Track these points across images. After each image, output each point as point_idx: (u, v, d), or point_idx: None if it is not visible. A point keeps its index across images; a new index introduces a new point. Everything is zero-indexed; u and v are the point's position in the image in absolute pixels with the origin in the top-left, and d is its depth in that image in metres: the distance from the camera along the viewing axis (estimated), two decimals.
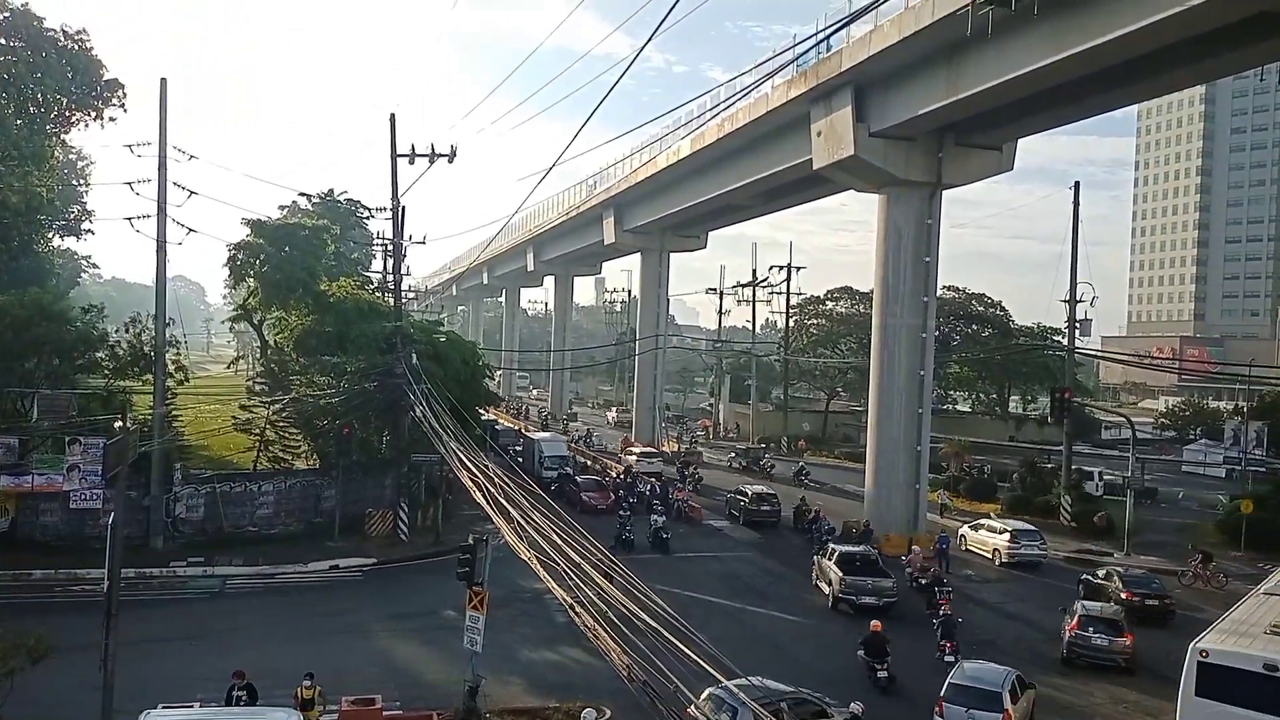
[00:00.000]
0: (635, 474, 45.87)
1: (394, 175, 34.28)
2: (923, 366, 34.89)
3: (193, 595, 26.45)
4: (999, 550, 33.88)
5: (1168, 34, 23.10)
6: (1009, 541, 33.65)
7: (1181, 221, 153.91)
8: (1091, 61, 25.21)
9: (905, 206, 34.62)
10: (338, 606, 25.70)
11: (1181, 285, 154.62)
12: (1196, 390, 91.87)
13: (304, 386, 35.55)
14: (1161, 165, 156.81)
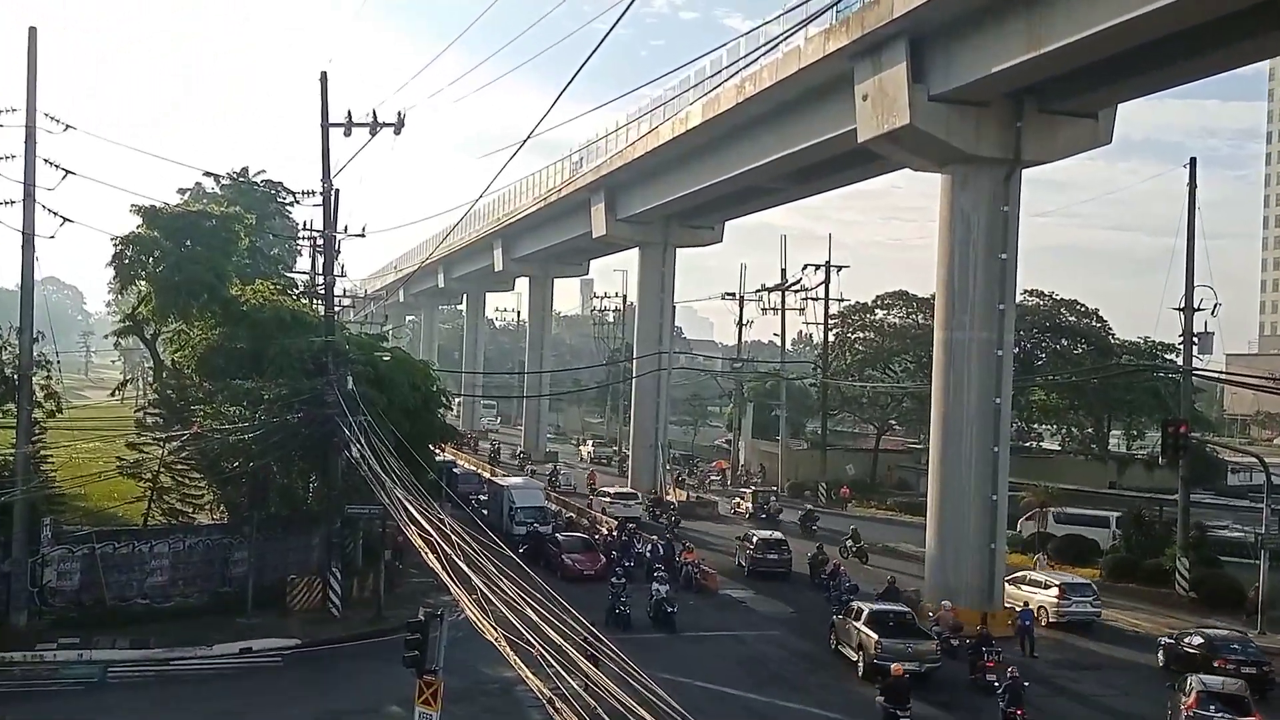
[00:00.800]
0: (633, 531, 45.88)
1: (325, 150, 34.41)
2: (998, 393, 34.89)
3: (65, 687, 26.23)
4: (1045, 608, 35.74)
5: None
6: (1058, 597, 35.74)
7: None
8: (1211, 6, 25.38)
9: (975, 189, 34.73)
10: (252, 701, 25.52)
11: None
12: None
13: (209, 419, 35.51)
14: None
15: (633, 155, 53.51)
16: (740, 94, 41.36)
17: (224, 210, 45.40)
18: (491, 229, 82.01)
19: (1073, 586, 36.49)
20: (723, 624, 34.99)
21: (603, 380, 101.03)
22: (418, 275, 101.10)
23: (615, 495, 56.80)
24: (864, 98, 35.02)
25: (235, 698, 25.91)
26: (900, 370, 73.63)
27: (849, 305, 74.37)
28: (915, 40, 32.96)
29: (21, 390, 31.10)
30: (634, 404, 67.96)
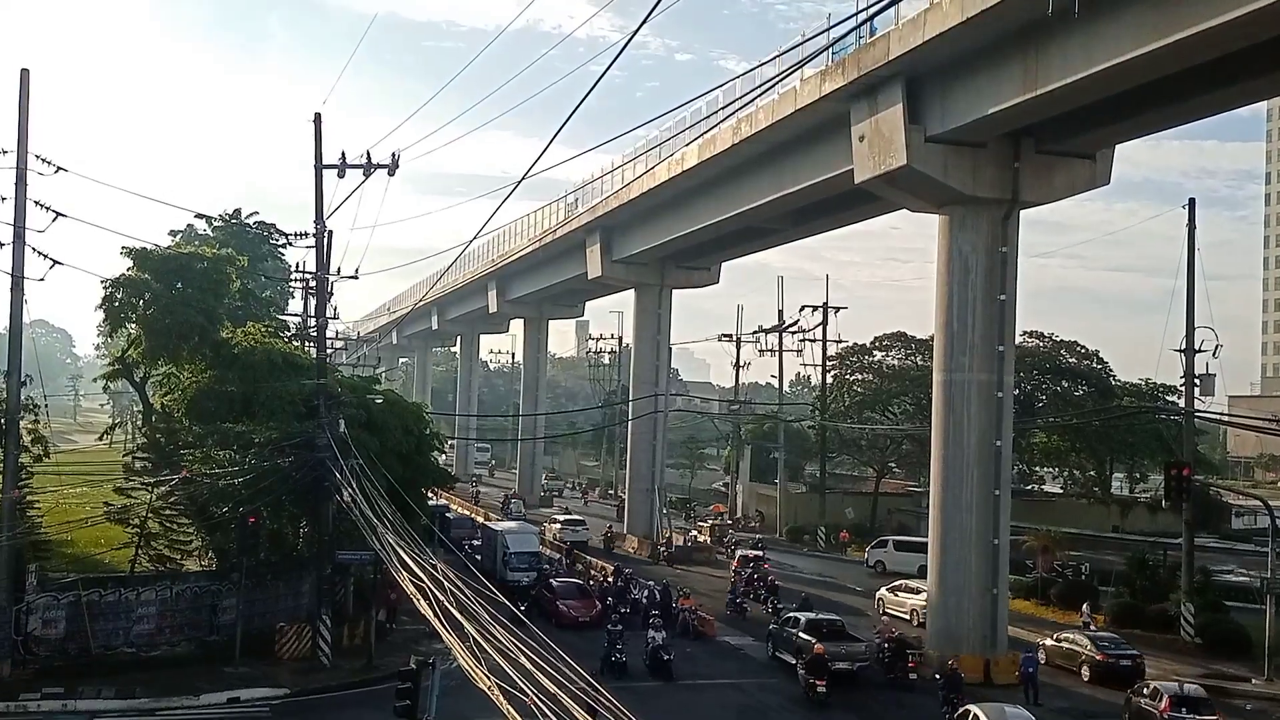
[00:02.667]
0: (629, 577, 45.67)
1: (319, 191, 34.59)
2: (999, 435, 34.88)
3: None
4: (915, 610, 40.88)
5: None
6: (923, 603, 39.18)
7: None
8: (1210, 46, 25.61)
9: (973, 230, 34.90)
10: None
11: None
12: None
13: (198, 463, 35.43)
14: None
15: (628, 196, 53.76)
16: (736, 135, 41.60)
17: (216, 252, 45.62)
18: (486, 270, 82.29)
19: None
20: (721, 672, 34.78)
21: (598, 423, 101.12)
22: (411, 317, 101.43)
23: (565, 522, 63.33)
24: (860, 139, 35.25)
25: None
26: (899, 412, 73.62)
27: (847, 347, 74.50)
28: (912, 81, 33.23)
29: (9, 435, 31.03)
30: (630, 447, 67.79)
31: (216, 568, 35.44)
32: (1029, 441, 69.01)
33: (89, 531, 38.12)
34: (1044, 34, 28.29)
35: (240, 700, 29.39)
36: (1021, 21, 28.18)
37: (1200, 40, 25.00)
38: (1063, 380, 72.65)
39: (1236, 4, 23.59)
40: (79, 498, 40.83)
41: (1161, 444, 65.69)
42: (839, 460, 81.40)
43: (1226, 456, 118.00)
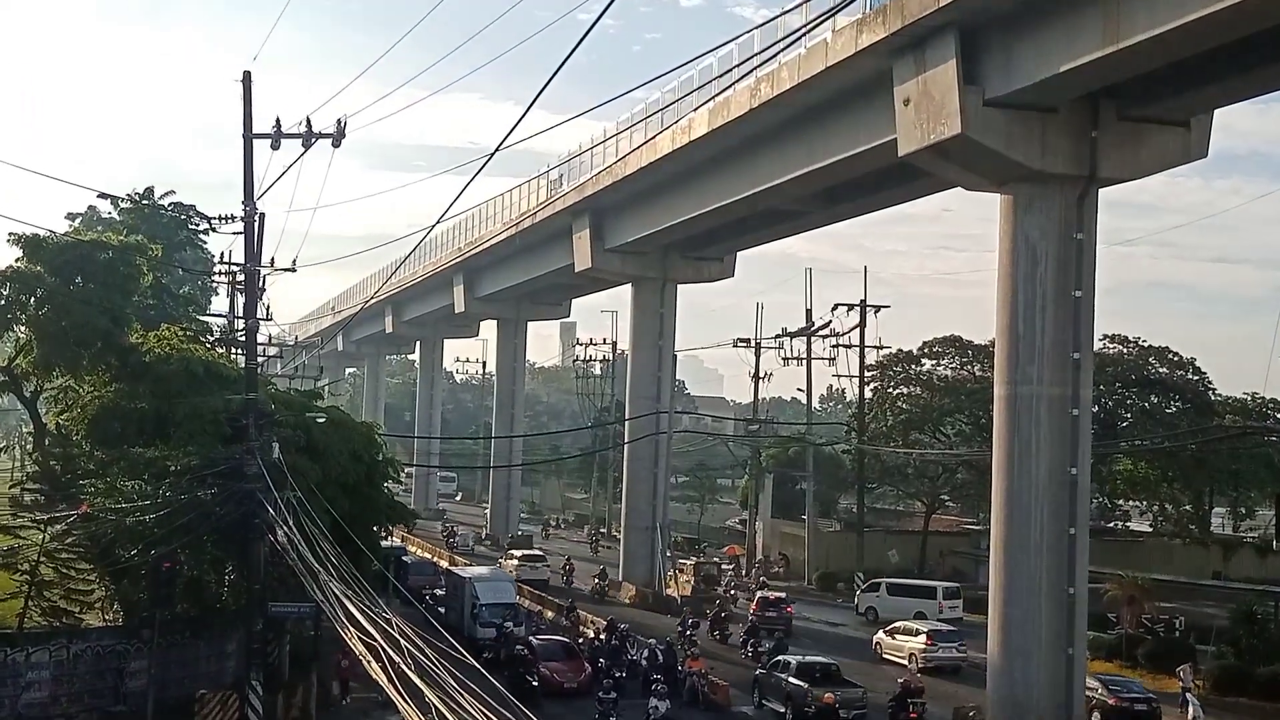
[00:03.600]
0: (624, 634, 45.65)
1: (248, 166, 34.51)
2: (1074, 461, 34.97)
3: None
4: (914, 654, 46.29)
5: None
6: (925, 644, 46.57)
7: None
8: None
9: (1043, 213, 35.05)
10: None
11: None
12: None
13: (102, 496, 35.42)
14: None
15: (624, 172, 53.82)
16: (755, 98, 41.69)
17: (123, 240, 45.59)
18: (451, 261, 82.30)
19: (939, 634, 47.47)
20: None
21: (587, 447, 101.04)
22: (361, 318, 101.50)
23: (522, 558, 67.72)
24: (905, 102, 35.34)
25: None
26: (954, 433, 73.67)
27: (890, 354, 74.52)
28: (967, 33, 33.35)
29: None
30: (626, 475, 67.79)
31: (124, 623, 35.36)
32: (1111, 469, 69.08)
33: None
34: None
35: None
36: None
37: None
38: (1152, 395, 72.83)
39: None
40: None
41: (1272, 472, 65.73)
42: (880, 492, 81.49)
43: None
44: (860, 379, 71.62)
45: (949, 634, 47.51)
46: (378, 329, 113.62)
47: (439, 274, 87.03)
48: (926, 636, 46.90)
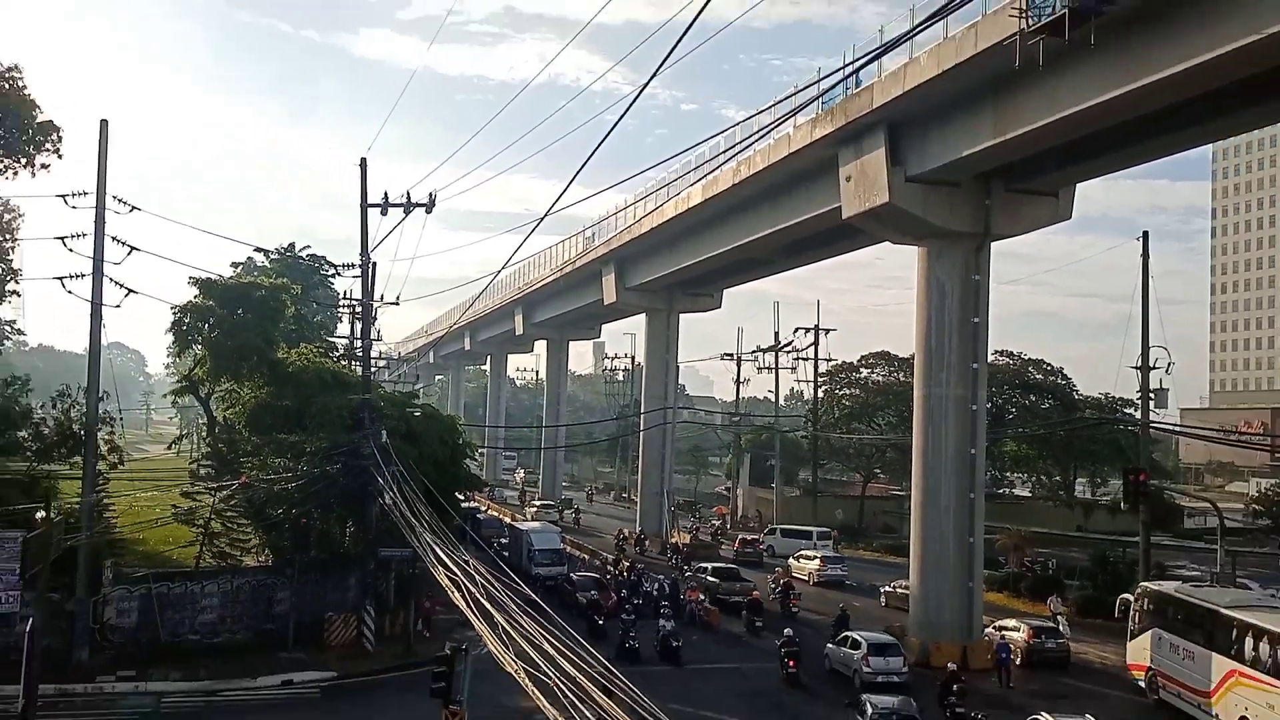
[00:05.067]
0: (641, 571, 45.50)
1: (364, 227, 34.72)
2: (973, 444, 34.77)
3: (123, 716, 26.03)
4: (812, 573, 50.14)
5: (1244, 65, 23.50)
6: (819, 566, 50.55)
7: (1268, 276, 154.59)
8: (1158, 97, 25.62)
9: (949, 261, 34.87)
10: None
11: (1272, 350, 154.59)
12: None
13: (256, 470, 35.51)
14: (1242, 213, 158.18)
15: (640, 231, 53.82)
16: (736, 176, 41.67)
17: (273, 282, 45.79)
18: (513, 297, 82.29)
19: (829, 559, 51.96)
20: (724, 657, 34.61)
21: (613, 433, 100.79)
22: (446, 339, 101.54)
23: (540, 506, 72.08)
24: (847, 179, 35.28)
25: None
26: (884, 424, 73.27)
27: (836, 365, 74.23)
28: (893, 127, 33.28)
29: (88, 445, 31.14)
30: (642, 455, 67.69)
31: (272, 563, 35.45)
32: (1000, 450, 68.61)
33: (159, 531, 38.16)
34: (1011, 85, 28.32)
35: (293, 682, 29.37)
36: (991, 73, 28.20)
37: (1149, 90, 25.04)
38: (1030, 395, 72.44)
39: (1177, 60, 23.68)
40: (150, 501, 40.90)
41: (1120, 452, 65.26)
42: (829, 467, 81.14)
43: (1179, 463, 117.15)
44: (814, 383, 71.78)
45: (835, 559, 52.44)
46: (458, 347, 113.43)
47: (503, 307, 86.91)
48: (820, 560, 51.41)
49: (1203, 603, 28.89)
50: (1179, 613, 29.63)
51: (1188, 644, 28.55)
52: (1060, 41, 23.38)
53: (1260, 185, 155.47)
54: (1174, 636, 29.38)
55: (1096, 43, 23.65)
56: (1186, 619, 29.14)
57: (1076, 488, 76.96)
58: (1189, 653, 28.46)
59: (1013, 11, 24.25)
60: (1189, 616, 29.10)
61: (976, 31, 27.09)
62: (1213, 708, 26.89)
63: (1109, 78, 25.45)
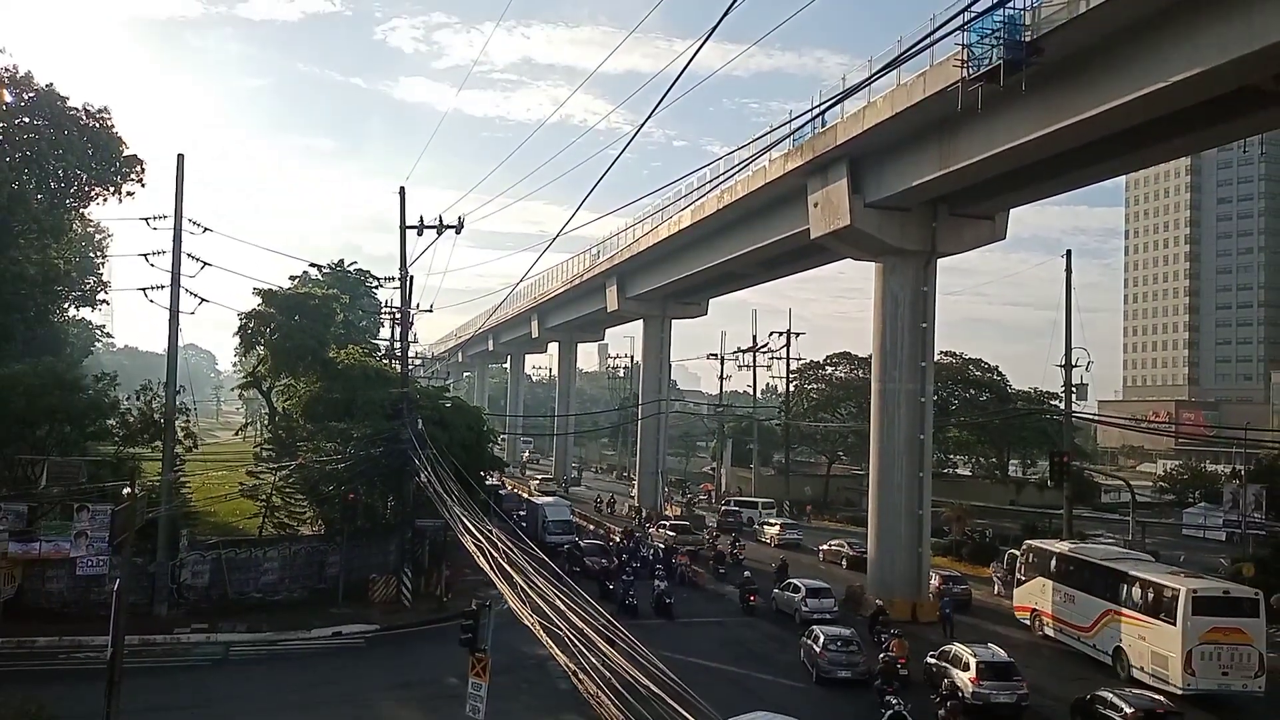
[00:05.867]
0: (639, 538, 45.43)
1: (403, 245, 34.73)
2: (922, 431, 34.75)
3: (196, 663, 26.03)
4: (773, 536, 51.78)
5: (1152, 109, 23.53)
6: (779, 530, 52.34)
7: (1173, 288, 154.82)
8: (1078, 135, 25.66)
9: (901, 275, 34.86)
10: (341, 674, 25.29)
11: (1175, 350, 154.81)
12: (1193, 454, 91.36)
13: (311, 453, 35.49)
14: (1151, 234, 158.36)
15: (638, 249, 53.76)
16: (720, 202, 41.63)
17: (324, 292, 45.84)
18: (529, 306, 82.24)
19: (789, 525, 53.86)
20: (710, 612, 34.57)
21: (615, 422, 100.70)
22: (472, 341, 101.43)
23: (541, 480, 73.70)
24: (815, 205, 35.26)
25: (330, 671, 25.72)
26: (846, 413, 73.30)
27: (805, 363, 74.46)
28: (854, 160, 33.27)
29: (167, 432, 31.15)
30: (639, 440, 67.56)
31: (324, 532, 35.43)
32: (945, 436, 68.59)
33: (227, 505, 38.14)
34: (954, 124, 28.33)
35: (342, 634, 29.34)
36: (937, 115, 28.23)
37: (1071, 130, 25.08)
38: (970, 389, 72.41)
39: (1094, 104, 23.72)
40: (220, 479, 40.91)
41: (1047, 437, 65.25)
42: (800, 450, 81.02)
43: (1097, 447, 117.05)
44: (786, 379, 71.69)
45: (793, 525, 54.25)
46: (482, 348, 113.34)
47: (520, 314, 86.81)
48: (780, 526, 52.98)
49: (1084, 556, 30.86)
50: (1062, 564, 31.28)
51: (1069, 589, 30.46)
52: (996, 88, 23.38)
53: (1165, 211, 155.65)
54: (1056, 583, 31.20)
55: (1027, 89, 23.66)
56: (1068, 570, 30.82)
57: (1010, 468, 76.99)
58: (1070, 596, 30.36)
59: (956, 63, 24.23)
60: (1071, 567, 30.79)
61: (925, 79, 27.11)
62: (1091, 640, 28.85)
63: (1037, 119, 25.48)
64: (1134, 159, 30.57)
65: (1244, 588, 27.30)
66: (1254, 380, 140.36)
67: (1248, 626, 24.68)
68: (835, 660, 25.28)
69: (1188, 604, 24.88)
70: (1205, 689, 24.24)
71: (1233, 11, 19.92)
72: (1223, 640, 24.45)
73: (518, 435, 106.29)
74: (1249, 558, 38.44)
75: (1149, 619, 26.16)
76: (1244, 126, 26.98)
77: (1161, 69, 21.71)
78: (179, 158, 30.83)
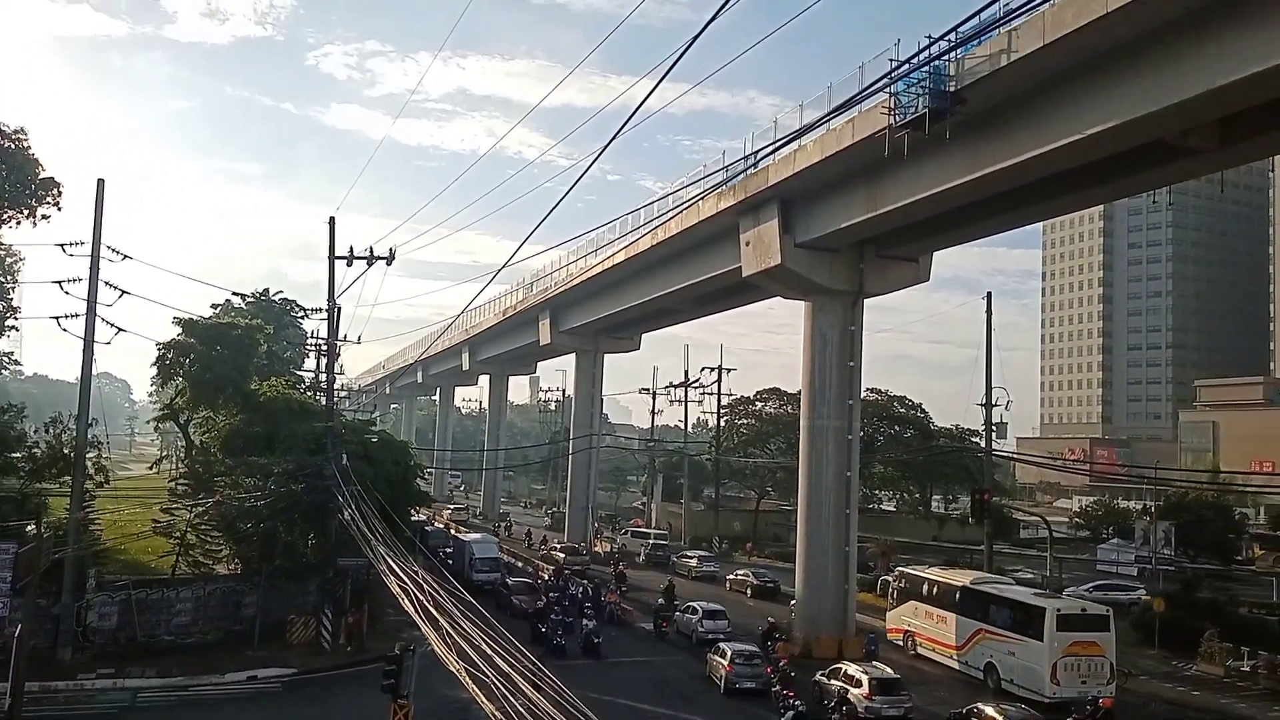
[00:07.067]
0: (568, 576, 44.93)
1: (331, 276, 34.06)
2: (849, 467, 35.15)
3: (102, 710, 24.72)
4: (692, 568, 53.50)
5: (1069, 159, 24.47)
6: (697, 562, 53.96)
7: (1087, 329, 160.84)
8: (998, 183, 26.53)
9: (830, 313, 35.41)
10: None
11: (1089, 389, 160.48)
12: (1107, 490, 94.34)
13: (229, 488, 34.33)
14: (1066, 276, 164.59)
15: (572, 283, 53.66)
16: (654, 239, 41.85)
17: (248, 322, 44.60)
18: (461, 338, 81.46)
19: (705, 558, 55.12)
20: (638, 651, 34.22)
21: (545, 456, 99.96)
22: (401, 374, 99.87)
23: (454, 510, 75.63)
24: (747, 243, 35.71)
25: (244, 717, 24.69)
26: (775, 449, 73.85)
27: (736, 399, 74.87)
28: (785, 202, 33.83)
29: (77, 467, 29.81)
30: (570, 474, 67.06)
31: (241, 571, 34.21)
32: (871, 472, 69.53)
33: (140, 543, 36.66)
34: (881, 169, 29.01)
35: (258, 678, 28.23)
36: (864, 160, 28.88)
37: (990, 178, 25.93)
38: (895, 425, 73.60)
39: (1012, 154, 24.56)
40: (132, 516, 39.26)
41: (968, 474, 66.65)
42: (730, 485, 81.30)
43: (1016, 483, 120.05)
44: (717, 414, 72.25)
45: (709, 558, 55.67)
46: (411, 380, 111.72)
47: (452, 347, 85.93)
48: (697, 559, 54.87)
49: (954, 581, 33.27)
50: (933, 589, 34.01)
51: (941, 611, 33.07)
52: (921, 135, 24.07)
53: (1080, 254, 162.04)
54: (929, 606, 33.91)
55: (950, 138, 24.42)
56: (939, 593, 33.47)
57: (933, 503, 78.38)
58: (942, 618, 32.89)
59: (883, 110, 24.91)
60: (942, 591, 33.20)
61: (853, 125, 27.77)
62: (964, 657, 31.44)
63: (961, 166, 26.27)
64: (1053, 206, 31.76)
65: (1098, 605, 31.04)
66: (1163, 419, 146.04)
67: (1102, 640, 27.77)
68: (741, 673, 28.17)
69: (1052, 621, 27.74)
70: (1067, 697, 26.44)
71: (1142, 71, 20.90)
72: (1081, 653, 27.49)
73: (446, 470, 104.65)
74: (1159, 593, 39.65)
75: (1017, 636, 28.86)
76: (1154, 178, 28.20)
77: (1076, 123, 22.62)
78: (99, 183, 29.86)
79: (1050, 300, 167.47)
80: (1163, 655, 35.04)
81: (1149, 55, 20.67)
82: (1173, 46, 20.12)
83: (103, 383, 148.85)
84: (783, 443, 71.11)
